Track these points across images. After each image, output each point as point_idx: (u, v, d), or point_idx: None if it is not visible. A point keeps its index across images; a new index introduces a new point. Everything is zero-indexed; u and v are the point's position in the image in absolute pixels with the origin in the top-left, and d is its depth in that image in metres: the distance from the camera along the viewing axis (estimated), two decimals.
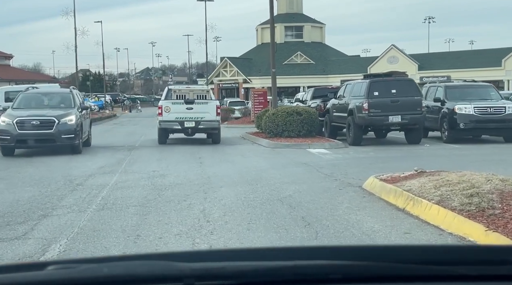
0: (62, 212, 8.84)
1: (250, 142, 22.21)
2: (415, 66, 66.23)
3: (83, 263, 1.52)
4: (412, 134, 19.55)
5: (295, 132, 20.63)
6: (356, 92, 19.82)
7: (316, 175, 12.50)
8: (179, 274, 1.45)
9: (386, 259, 1.56)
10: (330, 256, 1.58)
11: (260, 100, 35.80)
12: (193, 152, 18.41)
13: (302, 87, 73.11)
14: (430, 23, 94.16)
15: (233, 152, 18.13)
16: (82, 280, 1.44)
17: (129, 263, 1.53)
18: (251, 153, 17.90)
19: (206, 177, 12.40)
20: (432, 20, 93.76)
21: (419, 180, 9.29)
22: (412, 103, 18.79)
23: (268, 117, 21.34)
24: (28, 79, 64.68)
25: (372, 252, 1.67)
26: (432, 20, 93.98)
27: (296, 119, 20.68)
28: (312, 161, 15.04)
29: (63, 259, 2.26)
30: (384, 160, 15.09)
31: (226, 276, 1.47)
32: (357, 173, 12.61)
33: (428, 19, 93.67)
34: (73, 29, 51.86)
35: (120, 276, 1.44)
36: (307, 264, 1.51)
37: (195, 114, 19.89)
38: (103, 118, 50.49)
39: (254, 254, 1.66)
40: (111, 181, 11.97)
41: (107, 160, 16.06)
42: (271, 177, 12.21)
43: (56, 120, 17.12)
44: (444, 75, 59.92)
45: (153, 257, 1.60)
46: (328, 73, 72.66)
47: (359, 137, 19.45)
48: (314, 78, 72.69)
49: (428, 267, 1.54)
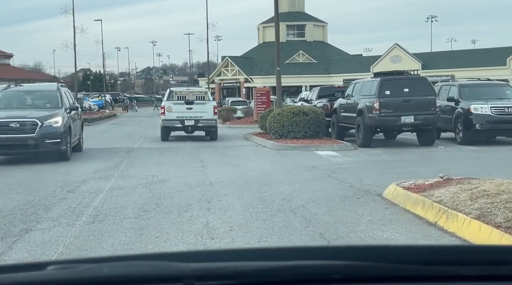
0: (47, 226, 7.79)
1: (254, 143, 21.15)
2: (418, 65, 65.11)
3: (83, 263, 1.50)
4: (425, 135, 18.48)
5: (301, 133, 19.57)
6: (366, 91, 18.75)
7: (328, 181, 11.43)
8: (179, 274, 1.44)
9: (386, 259, 1.55)
10: (331, 256, 1.57)
11: (263, 100, 34.78)
12: (194, 154, 17.36)
13: (304, 86, 72.11)
14: (433, 22, 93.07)
15: (237, 154, 17.07)
16: (82, 280, 1.43)
17: (129, 263, 1.52)
18: (255, 155, 16.84)
19: (209, 183, 11.34)
20: (434, 19, 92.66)
21: (449, 190, 8.22)
22: (426, 103, 17.72)
23: (273, 118, 20.27)
24: (28, 78, 63.69)
25: (372, 252, 1.65)
26: (435, 19, 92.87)
27: (302, 119, 19.62)
28: (321, 165, 13.97)
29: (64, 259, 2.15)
30: (399, 164, 14.01)
31: (226, 276, 1.46)
32: (373, 178, 11.55)
33: (431, 18, 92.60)
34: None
35: (120, 276, 1.43)
36: (307, 264, 1.50)
37: (194, 113, 21.57)
38: (102, 117, 49.45)
39: (254, 254, 1.66)
40: (106, 188, 10.90)
41: (103, 163, 14.99)
42: (280, 183, 11.15)
43: (39, 122, 14.80)
44: (448, 74, 58.89)
45: (153, 257, 1.60)
46: (331, 72, 71.60)
47: (369, 139, 18.39)
48: (316, 77, 71.64)
49: (428, 268, 1.52)
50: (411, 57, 67.36)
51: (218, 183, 11.37)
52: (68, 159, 15.45)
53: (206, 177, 12.19)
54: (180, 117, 21.54)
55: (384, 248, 1.82)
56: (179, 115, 21.55)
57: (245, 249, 2.49)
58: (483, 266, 1.57)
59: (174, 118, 21.58)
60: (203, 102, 22.28)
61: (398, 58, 67.67)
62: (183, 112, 21.58)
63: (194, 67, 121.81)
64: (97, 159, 15.96)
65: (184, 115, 21.54)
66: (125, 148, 19.33)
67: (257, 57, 76.67)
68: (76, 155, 16.72)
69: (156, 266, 1.47)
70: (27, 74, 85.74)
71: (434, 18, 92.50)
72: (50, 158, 15.13)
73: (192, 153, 17.77)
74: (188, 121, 21.56)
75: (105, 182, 11.67)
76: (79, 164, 14.86)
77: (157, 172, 13.06)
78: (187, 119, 21.53)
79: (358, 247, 2.04)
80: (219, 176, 12.38)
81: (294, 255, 1.61)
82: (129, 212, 8.59)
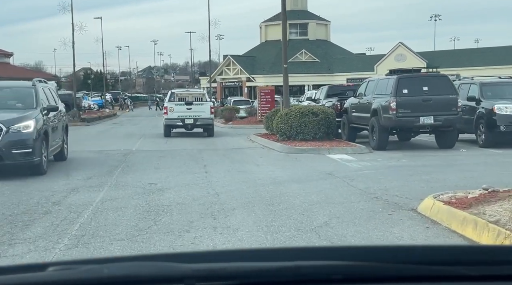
0: (21, 251, 6.39)
1: (259, 145, 19.74)
2: (423, 64, 63.62)
3: (84, 264, 1.48)
4: (445, 137, 17.07)
5: (310, 134, 18.16)
6: (381, 89, 17.34)
7: (349, 191, 10.02)
8: (180, 275, 1.41)
9: (387, 260, 1.53)
10: (331, 256, 1.55)
11: (267, 99, 33.33)
12: (196, 157, 15.96)
13: (307, 85, 70.74)
14: (436, 21, 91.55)
15: (243, 158, 15.66)
16: (82, 281, 1.41)
17: (130, 264, 1.49)
18: (263, 159, 15.42)
19: (214, 193, 9.94)
20: (438, 17, 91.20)
21: (503, 206, 6.82)
22: (446, 102, 16.31)
23: (280, 118, 18.86)
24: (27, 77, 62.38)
25: (373, 253, 1.64)
26: (438, 17, 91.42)
27: (312, 120, 18.21)
28: (337, 171, 12.57)
29: (64, 260, 1.71)
30: (424, 170, 12.58)
31: (227, 277, 1.44)
32: (399, 188, 10.15)
33: (434, 17, 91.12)
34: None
35: (120, 277, 1.41)
36: (308, 265, 1.48)
37: (193, 113, 24.03)
38: (102, 117, 48.05)
39: (255, 255, 1.64)
40: (97, 199, 9.50)
41: (96, 169, 13.59)
42: (295, 194, 9.75)
43: (4, 127, 11.80)
44: (453, 73, 57.40)
45: (154, 258, 1.55)
46: (334, 71, 70.14)
47: (384, 141, 16.98)
48: (319, 77, 70.27)
49: (430, 268, 1.50)
50: (415, 56, 65.96)
51: (224, 193, 9.97)
52: (44, 173, 12.34)
53: (210, 186, 10.79)
54: (181, 116, 23.93)
55: (385, 248, 1.79)
56: (180, 115, 23.94)
57: (246, 249, 2.50)
58: (485, 266, 1.52)
59: (175, 117, 23.95)
60: (201, 103, 24.55)
61: (402, 56, 66.25)
62: (184, 112, 23.98)
63: (196, 66, 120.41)
64: (85, 168, 14.08)
65: (184, 114, 23.95)
66: (122, 151, 17.94)
67: (259, 56, 75.23)
68: (57, 166, 13.90)
69: (157, 267, 1.43)
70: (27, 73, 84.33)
71: (438, 17, 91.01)
72: (19, 173, 12.03)
73: (194, 156, 16.38)
74: (188, 119, 23.96)
75: (96, 192, 10.27)
76: (55, 180, 11.98)
77: (156, 179, 11.67)
78: (187, 118, 23.92)
79: (359, 247, 2.06)
80: (224, 184, 10.98)
81: (295, 255, 1.57)
82: (121, 232, 7.20)
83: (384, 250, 1.70)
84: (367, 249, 1.77)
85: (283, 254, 1.65)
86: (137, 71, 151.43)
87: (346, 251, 1.69)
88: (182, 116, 23.89)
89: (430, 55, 66.79)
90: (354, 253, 1.62)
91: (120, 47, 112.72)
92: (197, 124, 24.13)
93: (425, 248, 1.81)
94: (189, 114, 23.96)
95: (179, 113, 23.94)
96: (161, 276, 1.42)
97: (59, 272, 1.44)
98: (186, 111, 23.97)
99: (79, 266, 1.47)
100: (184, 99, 24.59)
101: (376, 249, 1.79)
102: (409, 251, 1.69)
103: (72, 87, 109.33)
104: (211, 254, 1.78)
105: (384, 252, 1.66)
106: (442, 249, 1.75)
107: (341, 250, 1.75)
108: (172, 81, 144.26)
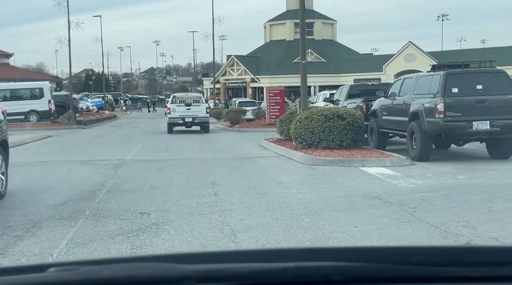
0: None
1: (274, 154, 16.70)
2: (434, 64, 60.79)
3: (84, 265, 1.44)
4: (500, 146, 14.00)
5: (336, 141, 15.14)
6: (421, 88, 14.29)
7: (421, 229, 6.96)
8: (180, 276, 1.38)
9: (388, 261, 1.52)
10: (331, 257, 1.52)
11: (276, 100, 30.34)
12: (202, 171, 12.92)
13: (313, 86, 67.73)
14: (444, 21, 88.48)
15: (259, 172, 12.62)
16: (83, 282, 1.37)
17: (130, 265, 1.46)
18: (284, 174, 12.36)
19: (230, 233, 6.91)
20: (445, 17, 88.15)
21: None
22: (505, 104, 13.28)
23: (300, 122, 15.83)
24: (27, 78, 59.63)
25: (373, 254, 1.62)
26: (446, 17, 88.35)
27: (337, 124, 15.19)
28: (386, 193, 9.51)
29: (64, 261, 1.57)
30: (499, 192, 9.46)
31: (227, 278, 1.41)
32: (489, 223, 7.13)
33: (442, 17, 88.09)
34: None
35: (121, 278, 1.38)
36: (308, 266, 1.45)
37: (192, 112, 27.60)
38: (100, 119, 45.08)
39: (255, 256, 1.63)
40: (61, 244, 6.49)
41: (75, 189, 10.55)
42: (343, 233, 6.74)
43: None
44: None
45: (154, 259, 1.52)
46: (341, 71, 67.02)
47: (427, 150, 13.93)
48: (326, 77, 67.30)
49: (429, 269, 1.48)
50: (426, 56, 62.88)
51: (243, 232, 6.95)
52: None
53: (223, 218, 7.76)
54: (181, 115, 27.61)
55: (385, 249, 1.75)
56: (181, 114, 27.60)
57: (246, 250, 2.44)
58: (484, 267, 1.50)
59: (177, 116, 27.59)
60: (198, 104, 28.14)
61: (412, 56, 63.17)
62: (184, 112, 27.61)
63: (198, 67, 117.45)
64: (62, 187, 11.03)
65: (184, 114, 27.61)
66: (114, 161, 14.92)
67: (264, 56, 72.20)
68: (26, 184, 10.81)
69: (157, 268, 1.40)
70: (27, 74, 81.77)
71: (445, 17, 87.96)
72: None
73: (199, 169, 13.36)
74: (188, 118, 27.67)
75: (66, 228, 7.24)
76: (15, 207, 9.39)
77: (150, 206, 8.66)
78: (187, 117, 27.63)
79: (358, 249, 2.03)
80: (242, 215, 7.95)
81: (295, 256, 1.53)
82: None
83: (384, 251, 1.66)
84: (367, 250, 1.73)
85: (283, 255, 1.63)
86: (140, 72, 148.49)
87: (347, 252, 1.66)
88: (182, 115, 27.53)
89: (441, 55, 63.77)
90: (354, 254, 1.59)
91: (122, 48, 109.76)
92: (195, 122, 27.84)
93: (425, 249, 1.78)
94: (188, 114, 27.59)
95: (180, 113, 27.53)
96: (161, 277, 1.38)
97: (59, 273, 1.40)
98: (185, 111, 27.57)
99: (79, 267, 1.42)
100: (184, 101, 28.12)
101: (377, 250, 1.77)
102: (409, 252, 1.65)
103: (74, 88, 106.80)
104: (211, 255, 1.69)
105: (384, 253, 1.62)
106: (442, 250, 1.71)
107: (342, 251, 1.71)
108: (175, 82, 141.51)
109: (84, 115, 44.10)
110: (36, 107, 36.04)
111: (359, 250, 1.78)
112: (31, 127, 33.25)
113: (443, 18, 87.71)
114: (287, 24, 73.55)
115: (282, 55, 71.35)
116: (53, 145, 21.46)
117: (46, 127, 33.69)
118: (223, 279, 1.41)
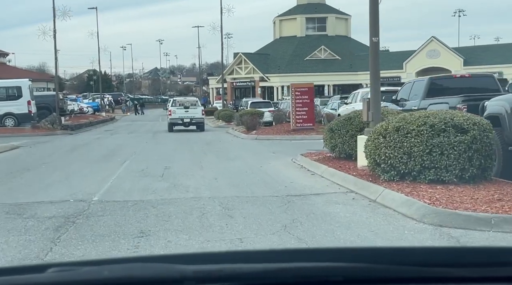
0: None
1: (336, 186, 10.00)
2: (459, 61, 53.99)
3: (83, 266, 1.40)
4: None
5: (453, 171, 8.46)
6: None
7: None
8: (180, 276, 1.34)
9: (387, 261, 1.46)
10: (331, 258, 1.47)
11: (304, 100, 23.62)
12: (220, 231, 6.27)
13: (327, 85, 61.02)
14: (460, 17, 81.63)
15: (332, 238, 5.96)
16: (82, 282, 1.34)
17: (130, 266, 1.41)
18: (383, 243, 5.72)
19: None
20: (462, 13, 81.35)
21: None
22: None
23: (383, 137, 9.14)
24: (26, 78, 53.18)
25: (373, 254, 1.57)
26: (463, 13, 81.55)
27: (454, 141, 8.51)
28: None
29: (64, 262, 1.59)
30: None
31: (227, 278, 1.37)
32: None
33: (458, 12, 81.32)
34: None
35: (120, 279, 1.34)
36: (307, 266, 1.42)
37: (189, 114, 30.25)
38: (94, 123, 38.39)
39: (255, 256, 1.58)
40: None
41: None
42: None
43: None
44: (494, 71, 47.48)
45: (154, 259, 1.46)
46: (356, 69, 60.25)
47: None
48: (340, 75, 60.64)
49: (428, 269, 1.43)
50: (451, 52, 56.12)
51: None
52: None
53: None
54: (180, 116, 29.78)
55: (385, 250, 1.73)
56: (180, 116, 29.81)
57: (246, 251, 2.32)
58: (484, 267, 1.45)
59: (177, 117, 29.81)
60: (195, 107, 30.42)
61: (435, 52, 56.37)
62: (182, 114, 29.85)
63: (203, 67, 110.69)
64: None
65: (183, 115, 29.82)
66: (68, 207, 8.28)
67: (273, 53, 65.54)
68: None
69: (157, 268, 1.36)
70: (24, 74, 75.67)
71: (462, 13, 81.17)
72: None
73: (215, 225, 6.70)
74: (186, 119, 29.79)
75: None
76: None
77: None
78: (185, 118, 29.77)
79: (358, 249, 1.98)
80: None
81: (294, 257, 1.52)
82: None
83: (383, 252, 1.63)
84: (367, 251, 1.68)
85: (283, 255, 1.59)
86: (143, 72, 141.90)
87: (346, 253, 1.63)
88: (181, 116, 29.82)
89: (468, 51, 56.95)
90: (353, 255, 1.54)
91: (125, 47, 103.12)
92: (192, 122, 30.00)
93: (425, 250, 1.73)
94: (186, 115, 29.86)
95: (179, 114, 29.88)
96: (161, 277, 1.34)
97: (59, 274, 1.37)
98: (184, 113, 29.87)
99: (79, 267, 1.39)
100: (183, 104, 30.38)
101: (376, 250, 1.73)
102: (409, 252, 1.62)
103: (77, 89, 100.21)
104: (211, 255, 1.62)
105: (383, 253, 1.59)
106: (442, 251, 1.68)
107: (341, 251, 1.68)
108: (179, 82, 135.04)
109: (74, 118, 37.44)
110: (13, 109, 29.47)
111: (359, 250, 1.73)
112: (4, 134, 26.63)
113: (459, 14, 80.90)
114: (298, 19, 66.81)
115: (293, 52, 64.65)
116: (1, 165, 14.77)
117: (23, 134, 27.13)
118: (223, 279, 1.36)
